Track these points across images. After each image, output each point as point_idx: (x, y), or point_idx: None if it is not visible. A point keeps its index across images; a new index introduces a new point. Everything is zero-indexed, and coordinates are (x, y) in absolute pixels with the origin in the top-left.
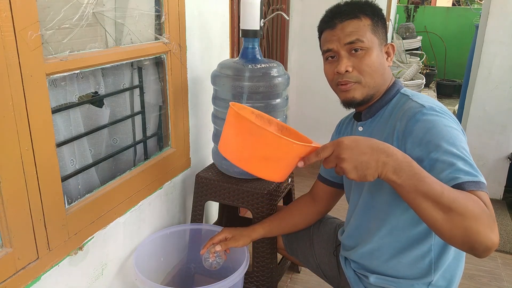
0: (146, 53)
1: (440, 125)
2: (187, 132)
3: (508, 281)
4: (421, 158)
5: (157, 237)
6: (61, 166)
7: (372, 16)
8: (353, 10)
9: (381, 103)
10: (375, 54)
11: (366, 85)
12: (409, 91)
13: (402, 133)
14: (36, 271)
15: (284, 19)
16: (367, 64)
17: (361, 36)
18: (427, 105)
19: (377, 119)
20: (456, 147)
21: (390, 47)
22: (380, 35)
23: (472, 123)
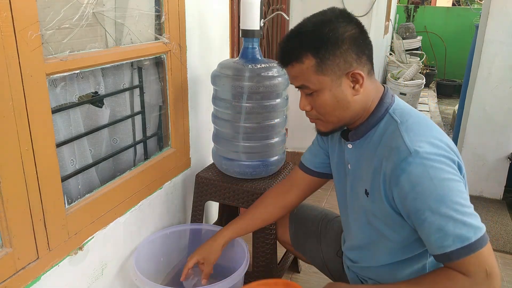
0: (146, 53)
1: (427, 180)
2: (187, 132)
3: (508, 281)
4: (408, 214)
5: (157, 237)
6: (61, 166)
7: (315, 54)
8: (292, 52)
9: (368, 126)
10: (328, 94)
11: (329, 121)
12: (398, 111)
13: (389, 179)
14: (36, 271)
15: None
16: (321, 106)
17: (306, 81)
18: (413, 150)
19: (366, 141)
20: (446, 204)
21: (357, 74)
22: (334, 69)
23: (472, 123)
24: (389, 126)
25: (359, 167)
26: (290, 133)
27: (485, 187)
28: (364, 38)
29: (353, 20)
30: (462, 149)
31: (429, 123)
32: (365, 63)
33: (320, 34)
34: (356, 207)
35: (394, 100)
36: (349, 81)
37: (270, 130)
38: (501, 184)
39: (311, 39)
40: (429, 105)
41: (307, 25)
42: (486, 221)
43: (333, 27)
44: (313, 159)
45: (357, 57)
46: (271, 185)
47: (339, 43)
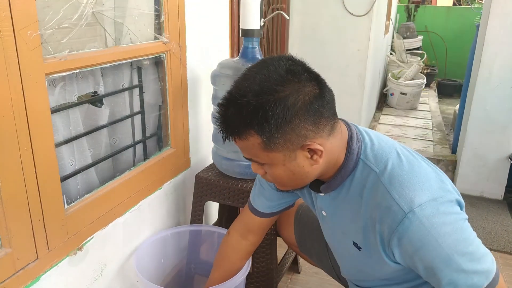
0: (145, 53)
1: (432, 241)
2: (187, 132)
3: (508, 281)
4: (416, 269)
5: (158, 239)
6: (60, 166)
7: (261, 132)
8: (234, 128)
9: (341, 178)
10: (281, 168)
11: (287, 185)
12: (370, 154)
13: (388, 242)
14: (36, 272)
15: (284, 18)
16: (275, 177)
17: (254, 156)
18: (407, 210)
19: (343, 191)
20: (454, 260)
21: (314, 149)
22: (285, 145)
23: (472, 123)
24: (367, 176)
25: (339, 218)
26: None
27: (486, 187)
28: (321, 99)
29: (304, 79)
30: (463, 149)
31: (410, 160)
32: (325, 127)
33: (264, 110)
34: (343, 253)
35: (361, 140)
36: (305, 152)
37: None
38: (502, 184)
39: (254, 116)
40: (429, 105)
41: (248, 95)
42: (487, 221)
43: (280, 98)
44: (268, 203)
45: (314, 125)
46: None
47: (289, 118)
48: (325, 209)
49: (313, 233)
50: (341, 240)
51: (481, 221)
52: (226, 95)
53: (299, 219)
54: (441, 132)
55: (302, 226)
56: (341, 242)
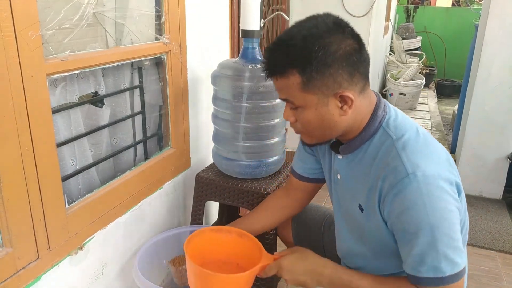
0: (146, 53)
1: (421, 206)
2: (187, 132)
3: (508, 281)
4: (394, 231)
5: (160, 239)
6: (61, 166)
7: (302, 72)
8: (279, 66)
9: (361, 140)
10: (313, 112)
11: (313, 136)
12: (392, 124)
13: (384, 198)
14: (37, 271)
15: (284, 19)
16: (305, 122)
17: (290, 96)
18: (411, 171)
19: (358, 156)
20: (433, 234)
21: (346, 97)
22: (321, 89)
23: (471, 123)
24: (384, 141)
25: (352, 180)
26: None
27: (485, 187)
28: (359, 54)
29: (348, 33)
30: (462, 149)
31: (426, 137)
32: (358, 81)
33: (309, 52)
34: (348, 218)
35: (387, 111)
36: (337, 101)
37: (270, 130)
38: (501, 184)
39: (299, 56)
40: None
41: (296, 37)
42: (486, 221)
43: (324, 44)
44: (302, 165)
45: (349, 77)
46: (271, 185)
47: (330, 62)
48: (340, 172)
49: (309, 232)
50: (349, 205)
51: (480, 221)
52: (275, 40)
53: (297, 219)
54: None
55: (299, 225)
56: (348, 207)
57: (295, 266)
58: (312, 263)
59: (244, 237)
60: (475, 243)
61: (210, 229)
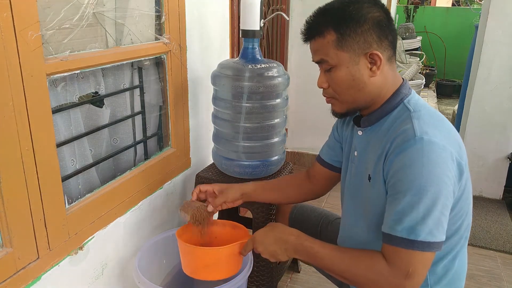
0: (146, 53)
1: (419, 166)
2: (187, 132)
3: (508, 281)
4: (388, 190)
5: (160, 239)
6: (61, 166)
7: (336, 29)
8: (315, 27)
9: (381, 113)
10: (345, 71)
11: (344, 101)
12: (413, 102)
13: (388, 158)
14: (37, 271)
15: (284, 19)
16: (337, 83)
17: (325, 55)
18: (418, 134)
19: (376, 129)
20: (421, 196)
21: (375, 55)
22: (353, 47)
23: (472, 123)
24: (401, 114)
25: (365, 154)
26: (290, 133)
27: (485, 187)
28: (388, 23)
29: (379, 4)
30: None
31: (442, 117)
32: (386, 48)
33: (344, 11)
34: (355, 196)
35: (411, 92)
36: (367, 61)
37: (270, 130)
38: (501, 184)
39: (335, 15)
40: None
41: (334, 3)
42: (486, 221)
43: (358, 6)
44: (330, 152)
45: (378, 39)
46: None
47: (361, 21)
48: (358, 149)
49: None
50: (359, 179)
51: (480, 221)
52: (315, 10)
53: (294, 218)
54: None
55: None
56: (359, 181)
57: (265, 237)
58: (279, 232)
59: (237, 228)
60: (475, 243)
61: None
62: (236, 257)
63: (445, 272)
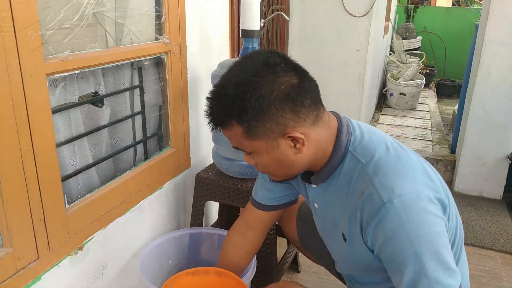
0: (146, 53)
1: (403, 234)
2: (187, 132)
3: (508, 281)
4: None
5: (164, 241)
6: (61, 166)
7: (240, 122)
8: (218, 118)
9: (330, 169)
10: (266, 156)
11: (277, 175)
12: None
13: (365, 229)
14: (36, 271)
15: (284, 19)
16: (263, 166)
17: (239, 145)
18: (386, 199)
19: (332, 183)
20: (421, 261)
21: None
22: (266, 133)
23: (472, 123)
24: (355, 167)
25: (329, 209)
26: None
27: (485, 187)
28: (299, 88)
29: (280, 70)
30: (462, 149)
31: (398, 152)
32: (307, 115)
33: (241, 100)
34: (335, 246)
35: (351, 132)
36: (288, 141)
37: None
38: (501, 184)
39: (232, 106)
40: (429, 105)
41: (227, 86)
42: (486, 221)
43: (255, 88)
44: (268, 194)
45: (293, 114)
46: None
47: (265, 107)
48: (317, 201)
49: (314, 229)
50: (333, 232)
51: (480, 221)
52: (212, 89)
53: (301, 216)
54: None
55: (304, 222)
56: (333, 234)
57: None
58: None
59: (223, 275)
60: (475, 243)
61: (186, 273)
62: None
63: None
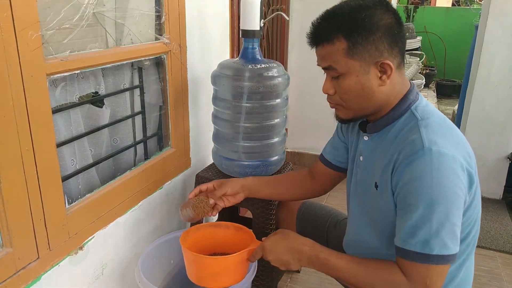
0: (146, 53)
1: (428, 179)
2: (187, 132)
3: (508, 281)
4: (398, 202)
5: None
6: (61, 166)
7: (347, 37)
8: (326, 32)
9: (388, 120)
10: (354, 80)
11: (350, 108)
12: (420, 108)
13: (396, 169)
14: (37, 271)
15: (284, 19)
16: (345, 91)
17: (334, 63)
18: (427, 144)
19: (382, 136)
20: (433, 210)
21: (386, 65)
22: (364, 55)
23: (472, 123)
24: (409, 123)
25: (372, 160)
26: (290, 133)
27: (485, 187)
28: (399, 30)
29: (390, 10)
30: None
31: (451, 125)
32: (396, 55)
33: (356, 18)
34: (361, 201)
35: (418, 97)
36: (377, 70)
37: (270, 130)
38: (501, 184)
39: (346, 22)
40: None
41: (344, 7)
42: (486, 221)
43: (370, 13)
44: (333, 151)
45: (389, 47)
46: None
47: (373, 29)
48: (363, 154)
49: (314, 230)
50: (366, 186)
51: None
52: (323, 13)
53: (302, 216)
54: None
55: (304, 222)
56: (365, 188)
57: (276, 246)
58: (292, 241)
59: (240, 231)
60: None
61: (209, 225)
62: (244, 264)
63: (451, 279)
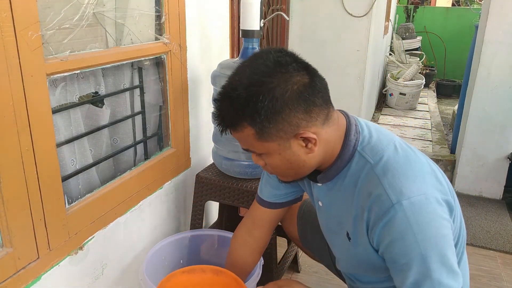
0: (146, 53)
1: (410, 236)
2: (187, 132)
3: (508, 281)
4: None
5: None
6: (61, 166)
7: (253, 124)
8: (229, 120)
9: (337, 169)
10: (278, 157)
11: (287, 175)
12: (367, 147)
13: (371, 229)
14: (37, 271)
15: (284, 19)
16: (273, 167)
17: (250, 147)
18: (395, 200)
19: (338, 182)
20: (426, 263)
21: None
22: (278, 135)
23: (471, 123)
24: (363, 167)
25: (334, 208)
26: None
27: (485, 187)
28: (311, 87)
29: (292, 69)
30: (462, 149)
31: (407, 152)
32: (318, 115)
33: (254, 102)
34: (338, 244)
35: (359, 131)
36: (299, 141)
37: None
38: (501, 184)
39: (245, 108)
40: (428, 105)
41: (239, 88)
42: (486, 221)
43: (268, 90)
44: (273, 192)
45: (306, 114)
46: None
47: (278, 108)
48: (321, 200)
49: (315, 228)
50: (337, 231)
51: (480, 221)
52: (220, 90)
53: (302, 215)
54: (440, 132)
55: (304, 221)
56: (336, 233)
57: None
58: None
59: (221, 274)
60: (475, 243)
61: (182, 271)
62: None
63: None
